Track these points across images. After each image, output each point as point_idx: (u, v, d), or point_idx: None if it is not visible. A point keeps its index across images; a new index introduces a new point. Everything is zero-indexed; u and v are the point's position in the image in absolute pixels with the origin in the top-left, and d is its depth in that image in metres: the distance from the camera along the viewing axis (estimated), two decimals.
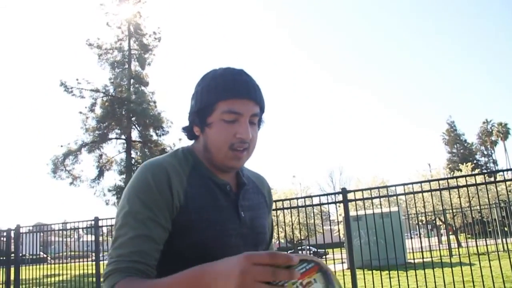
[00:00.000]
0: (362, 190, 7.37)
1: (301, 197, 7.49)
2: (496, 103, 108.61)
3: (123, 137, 33.09)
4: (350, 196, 7.12)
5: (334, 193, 7.29)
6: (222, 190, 1.25)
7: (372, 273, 9.65)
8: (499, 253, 9.02)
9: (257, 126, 1.27)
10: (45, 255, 13.23)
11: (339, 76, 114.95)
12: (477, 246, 9.27)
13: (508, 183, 7.31)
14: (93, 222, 9.64)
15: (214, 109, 1.19)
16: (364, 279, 7.26)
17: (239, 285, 0.80)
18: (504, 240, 14.65)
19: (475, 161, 62.26)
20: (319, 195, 7.56)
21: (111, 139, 32.98)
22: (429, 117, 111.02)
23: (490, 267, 6.84)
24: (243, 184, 1.30)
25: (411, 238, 16.60)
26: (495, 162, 73.95)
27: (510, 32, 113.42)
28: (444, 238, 23.87)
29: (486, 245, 8.47)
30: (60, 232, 10.69)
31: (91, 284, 9.80)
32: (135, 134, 33.75)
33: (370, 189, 7.27)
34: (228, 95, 1.18)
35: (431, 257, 7.19)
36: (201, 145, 1.25)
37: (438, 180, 7.87)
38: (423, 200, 7.69)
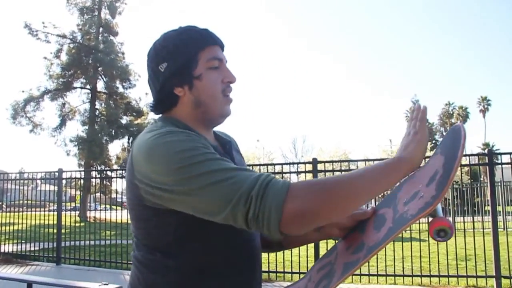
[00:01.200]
0: (332, 162, 7.60)
1: (270, 164, 7.61)
2: (459, 87, 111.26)
3: (88, 87, 32.25)
4: (320, 166, 7.30)
5: (305, 163, 7.41)
6: (219, 150, 1.19)
7: (327, 242, 9.97)
8: None
9: None
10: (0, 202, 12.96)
11: (310, 43, 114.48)
12: (428, 223, 9.68)
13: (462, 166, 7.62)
14: (56, 174, 9.50)
15: (198, 59, 1.16)
16: (317, 247, 7.48)
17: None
18: (453, 219, 15.39)
19: (434, 141, 64.13)
20: (289, 163, 7.71)
21: (76, 88, 32.10)
22: (396, 94, 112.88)
23: (438, 243, 7.18)
24: (228, 143, 1.27)
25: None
26: None
27: (480, 20, 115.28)
28: None
29: None
30: (17, 180, 10.47)
31: (51, 234, 9.74)
32: (100, 85, 32.95)
33: (340, 161, 7.48)
34: (207, 43, 1.18)
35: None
36: (190, 104, 1.17)
37: None
38: None
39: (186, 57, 1.15)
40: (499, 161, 6.70)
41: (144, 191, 1.05)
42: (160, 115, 1.23)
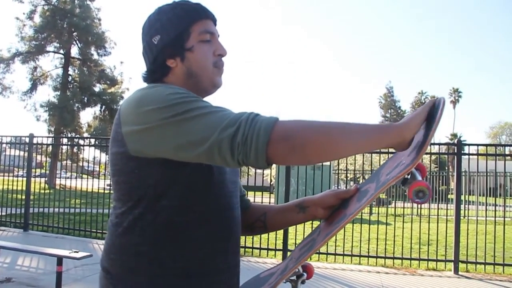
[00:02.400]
0: None
1: None
2: (432, 77, 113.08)
3: (61, 51, 31.40)
4: None
5: None
6: None
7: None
8: (413, 217, 9.79)
9: None
10: None
11: (289, 21, 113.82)
12: (395, 208, 9.96)
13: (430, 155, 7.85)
14: (26, 139, 9.31)
15: (190, 32, 1.19)
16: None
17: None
18: (418, 206, 15.85)
19: None
20: None
21: (49, 52, 31.18)
22: (370, 79, 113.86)
23: (403, 228, 7.44)
24: None
25: None
26: None
27: (458, 13, 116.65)
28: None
29: (403, 208, 9.16)
30: None
31: (18, 200, 9.60)
32: (74, 51, 32.13)
33: None
34: (200, 16, 1.21)
35: (370, 213, 7.66)
36: (182, 75, 1.20)
37: None
38: (355, 158, 8.10)
39: (179, 30, 1.18)
40: (467, 152, 6.91)
41: (129, 140, 1.06)
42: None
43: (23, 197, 9.08)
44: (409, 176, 1.07)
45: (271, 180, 11.63)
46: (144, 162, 1.06)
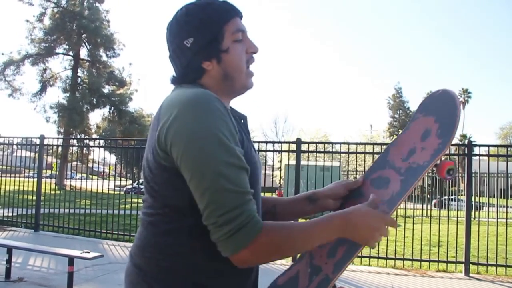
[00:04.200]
0: (316, 143, 7.69)
1: (254, 141, 7.64)
2: (442, 77, 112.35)
3: (70, 53, 31.59)
4: (304, 147, 7.41)
5: (289, 142, 7.47)
6: (239, 123, 1.22)
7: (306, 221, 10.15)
8: (423, 218, 9.73)
9: None
10: None
11: (294, 21, 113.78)
12: (405, 209, 9.92)
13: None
14: (35, 140, 9.39)
15: (224, 33, 1.17)
16: None
17: (371, 238, 1.12)
18: (428, 206, 15.80)
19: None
20: (273, 142, 7.77)
21: (58, 54, 31.41)
22: (379, 80, 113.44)
23: (413, 229, 7.41)
24: (244, 117, 1.28)
25: None
26: None
27: (467, 13, 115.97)
28: None
29: (413, 209, 9.13)
30: None
31: (29, 201, 9.68)
32: (84, 52, 32.34)
33: (324, 143, 7.56)
34: (231, 15, 1.19)
35: None
36: (218, 77, 1.19)
37: (381, 144, 8.23)
38: (364, 160, 8.06)
39: (213, 32, 1.16)
40: (477, 153, 6.86)
41: (161, 151, 1.07)
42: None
43: (34, 197, 9.15)
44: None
45: (280, 181, 11.61)
46: (179, 173, 1.06)
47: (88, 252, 4.96)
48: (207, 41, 1.16)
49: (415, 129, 1.23)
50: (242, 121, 1.26)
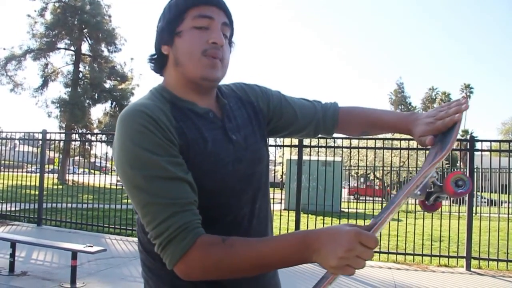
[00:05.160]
0: (318, 137, 7.67)
1: None
2: (444, 73, 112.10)
3: (72, 48, 31.53)
4: (306, 141, 7.42)
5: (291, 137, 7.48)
6: (206, 118, 1.15)
7: (308, 217, 10.17)
8: (424, 213, 9.74)
9: (229, 44, 1.20)
10: None
11: (296, 17, 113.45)
12: (406, 204, 9.93)
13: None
14: (37, 135, 9.41)
15: (184, 18, 1.12)
16: (298, 220, 7.64)
17: (342, 258, 0.87)
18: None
19: None
20: (275, 136, 7.77)
21: (60, 49, 31.34)
22: (381, 77, 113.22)
23: (415, 224, 7.42)
24: (224, 105, 1.21)
25: (344, 188, 17.47)
26: None
27: (469, 9, 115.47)
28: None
29: (415, 204, 9.13)
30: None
31: (31, 195, 9.71)
32: (85, 47, 32.24)
33: (326, 137, 7.52)
34: (199, 1, 1.12)
35: (364, 209, 7.67)
36: (172, 63, 1.15)
37: (383, 139, 8.19)
38: (366, 155, 8.08)
39: (174, 14, 1.13)
40: (479, 148, 6.86)
41: None
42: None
43: (36, 192, 9.18)
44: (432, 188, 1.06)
45: (282, 176, 11.62)
46: None
47: (91, 246, 4.99)
48: (165, 23, 1.15)
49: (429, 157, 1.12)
50: (226, 108, 1.21)
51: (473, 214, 6.82)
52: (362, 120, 1.39)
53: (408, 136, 1.37)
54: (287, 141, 7.70)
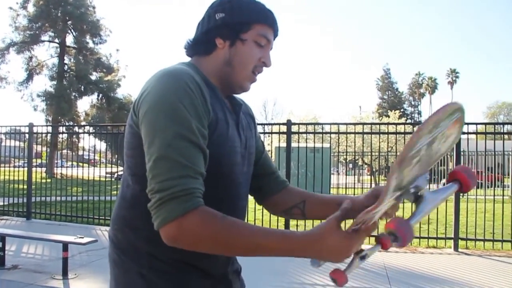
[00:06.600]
0: (306, 124, 7.72)
1: None
2: (430, 58, 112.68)
3: (56, 41, 31.15)
4: (294, 128, 7.43)
5: (279, 124, 7.47)
6: (228, 108, 1.23)
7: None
8: None
9: None
10: None
11: (284, 4, 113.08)
12: None
13: None
14: (23, 128, 9.31)
15: (251, 28, 1.20)
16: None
17: (346, 257, 1.00)
18: None
19: (402, 110, 65.37)
20: (263, 124, 7.77)
21: (44, 41, 30.95)
22: (367, 62, 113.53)
23: (403, 208, 7.49)
24: (239, 105, 1.30)
25: (333, 174, 17.57)
26: (419, 113, 78.02)
27: None
28: (365, 177, 25.47)
29: None
30: None
31: (19, 190, 9.65)
32: (70, 39, 31.89)
33: (314, 124, 7.59)
34: (266, 20, 1.22)
35: (353, 194, 7.73)
36: (221, 60, 1.22)
37: (370, 124, 8.27)
38: (354, 141, 8.13)
39: (243, 20, 1.20)
40: (465, 131, 6.93)
41: (135, 117, 1.11)
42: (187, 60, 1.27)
43: (24, 186, 9.12)
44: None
45: None
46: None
47: (82, 238, 4.98)
48: (233, 22, 1.20)
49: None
50: (237, 107, 1.28)
51: (460, 197, 6.93)
52: (305, 192, 1.43)
53: (396, 121, 1.36)
54: (275, 128, 7.72)
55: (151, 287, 1.12)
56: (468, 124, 7.03)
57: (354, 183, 7.76)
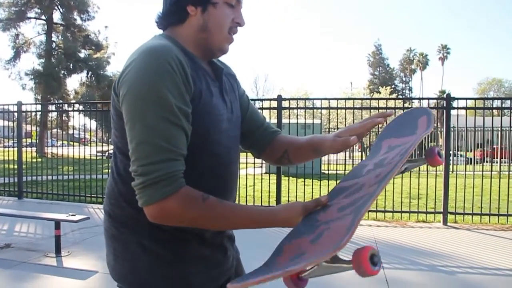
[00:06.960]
0: (297, 99, 7.67)
1: None
2: (421, 34, 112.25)
3: (43, 17, 30.55)
4: (285, 104, 7.41)
5: (269, 99, 7.42)
6: (209, 75, 1.23)
7: (289, 179, 10.30)
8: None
9: None
10: None
11: None
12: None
13: None
14: (13, 107, 9.20)
15: None
16: (279, 183, 7.74)
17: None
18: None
19: (393, 86, 65.40)
20: (254, 100, 7.68)
21: (30, 18, 30.33)
22: (358, 38, 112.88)
23: (393, 183, 7.59)
24: (221, 69, 1.29)
25: None
26: (410, 89, 78.30)
27: None
28: (357, 154, 25.64)
29: None
30: None
31: (10, 170, 9.59)
32: (57, 16, 31.28)
33: (304, 99, 7.54)
34: None
35: (344, 170, 7.79)
36: (196, 27, 1.20)
37: (361, 99, 8.23)
38: (345, 117, 8.13)
39: None
40: (456, 106, 6.97)
41: (116, 97, 1.11)
42: (162, 32, 1.25)
43: (15, 166, 9.07)
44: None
45: None
46: None
47: (74, 215, 4.99)
48: None
49: (406, 138, 1.17)
50: (218, 72, 1.28)
51: (450, 172, 7.01)
52: (288, 140, 1.46)
53: (386, 96, 1.38)
54: (266, 103, 7.68)
55: (152, 256, 1.15)
56: (458, 99, 7.09)
57: (345, 159, 7.79)
